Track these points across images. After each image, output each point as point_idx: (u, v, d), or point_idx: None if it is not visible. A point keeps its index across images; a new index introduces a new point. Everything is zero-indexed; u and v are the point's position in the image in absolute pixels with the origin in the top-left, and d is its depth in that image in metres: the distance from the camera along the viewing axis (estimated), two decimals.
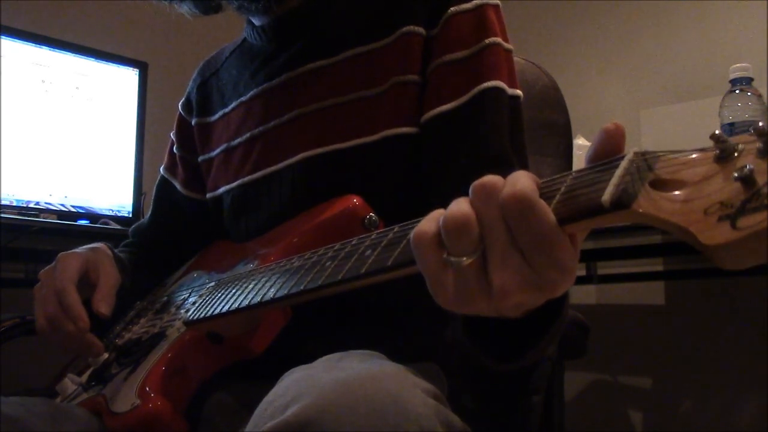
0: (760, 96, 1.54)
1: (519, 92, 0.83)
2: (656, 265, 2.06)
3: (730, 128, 1.53)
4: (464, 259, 0.43)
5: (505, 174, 0.45)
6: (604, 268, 2.05)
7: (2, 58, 1.64)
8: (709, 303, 1.97)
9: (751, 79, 1.56)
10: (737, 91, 1.55)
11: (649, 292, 2.10)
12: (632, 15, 2.25)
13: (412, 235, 0.46)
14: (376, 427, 0.48)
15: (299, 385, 0.53)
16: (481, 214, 0.44)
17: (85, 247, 0.93)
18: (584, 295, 2.20)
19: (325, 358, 0.61)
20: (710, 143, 0.38)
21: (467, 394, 0.77)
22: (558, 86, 1.15)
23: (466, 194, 0.46)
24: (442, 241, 0.45)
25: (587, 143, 1.83)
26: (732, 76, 1.58)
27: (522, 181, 0.42)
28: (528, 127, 0.85)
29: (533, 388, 0.86)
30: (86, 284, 0.87)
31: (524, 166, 0.81)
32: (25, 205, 1.66)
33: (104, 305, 0.85)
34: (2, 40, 1.65)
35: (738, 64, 1.58)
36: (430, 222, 0.46)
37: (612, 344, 2.09)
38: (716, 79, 1.82)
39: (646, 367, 2.09)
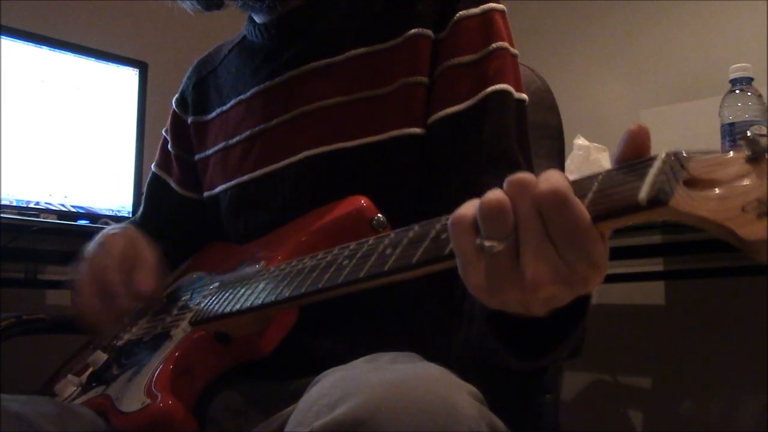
0: (760, 96, 1.55)
1: (525, 96, 0.84)
2: (656, 265, 2.06)
3: (730, 128, 1.53)
4: (496, 244, 0.44)
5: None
6: None
7: (2, 58, 1.63)
8: (709, 303, 1.97)
9: (751, 79, 1.56)
10: (737, 91, 1.55)
11: (649, 292, 2.10)
12: (632, 15, 2.25)
13: (450, 218, 0.47)
14: (427, 427, 0.48)
15: (346, 385, 0.53)
16: (515, 205, 0.45)
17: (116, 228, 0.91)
18: None
19: (361, 359, 0.62)
20: (712, 143, 0.40)
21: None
22: (551, 89, 1.16)
23: (472, 196, 0.47)
24: (478, 226, 0.46)
25: (587, 143, 1.84)
26: (732, 76, 1.58)
27: (556, 177, 0.44)
28: None
29: (546, 388, 0.86)
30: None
31: (530, 169, 0.81)
32: (25, 205, 1.65)
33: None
34: (2, 40, 1.64)
35: (738, 64, 1.58)
36: (468, 207, 0.47)
37: (612, 344, 2.09)
38: (716, 79, 1.82)
39: (646, 367, 2.09)
